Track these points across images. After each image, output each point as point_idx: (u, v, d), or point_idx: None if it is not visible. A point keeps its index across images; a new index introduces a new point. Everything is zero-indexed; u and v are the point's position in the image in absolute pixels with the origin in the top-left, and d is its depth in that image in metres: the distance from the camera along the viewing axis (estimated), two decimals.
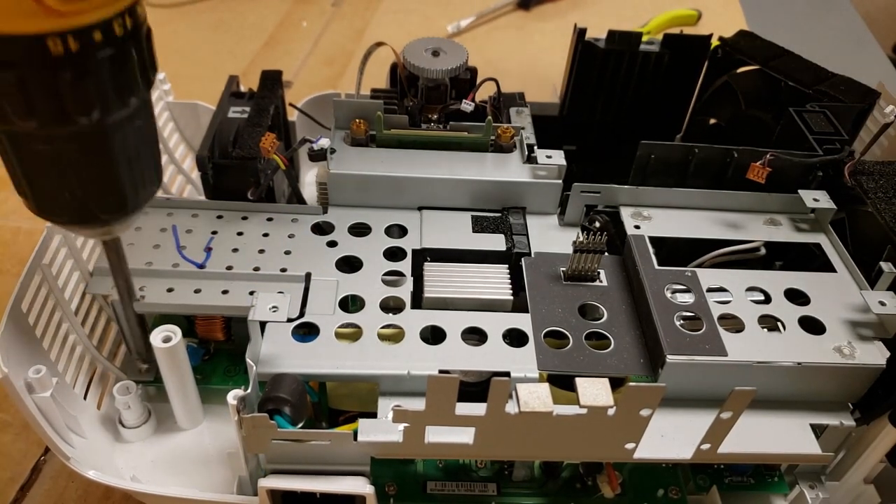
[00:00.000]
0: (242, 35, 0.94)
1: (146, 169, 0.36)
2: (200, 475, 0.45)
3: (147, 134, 0.35)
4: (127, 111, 0.33)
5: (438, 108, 0.54)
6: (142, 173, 0.36)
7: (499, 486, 0.44)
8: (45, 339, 0.42)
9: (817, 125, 0.50)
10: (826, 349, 0.40)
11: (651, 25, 0.94)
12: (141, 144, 0.35)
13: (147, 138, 0.35)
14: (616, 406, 0.34)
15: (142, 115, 0.34)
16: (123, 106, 0.32)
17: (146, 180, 0.36)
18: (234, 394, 0.35)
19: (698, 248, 0.48)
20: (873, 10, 1.40)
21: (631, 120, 0.63)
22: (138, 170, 0.35)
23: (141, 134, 0.34)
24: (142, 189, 0.36)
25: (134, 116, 0.33)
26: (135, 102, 0.33)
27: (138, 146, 0.35)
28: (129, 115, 0.33)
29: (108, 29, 0.29)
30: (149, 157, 0.36)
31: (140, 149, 0.35)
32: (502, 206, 0.51)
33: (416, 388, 0.39)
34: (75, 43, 0.29)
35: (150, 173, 0.37)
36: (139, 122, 0.34)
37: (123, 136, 0.33)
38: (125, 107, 0.32)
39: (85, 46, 0.29)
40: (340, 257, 0.47)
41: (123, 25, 0.30)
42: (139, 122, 0.34)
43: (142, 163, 0.35)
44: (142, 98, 0.33)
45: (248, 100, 0.55)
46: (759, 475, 0.46)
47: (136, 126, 0.34)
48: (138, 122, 0.34)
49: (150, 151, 0.36)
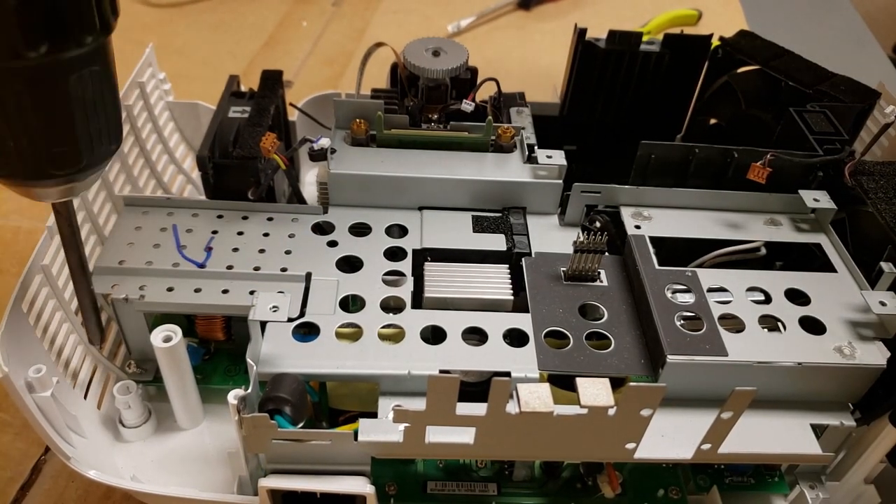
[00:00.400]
0: (242, 35, 0.94)
1: (104, 123, 0.33)
2: (200, 475, 0.45)
3: (106, 82, 0.33)
4: (82, 50, 0.30)
5: (439, 108, 0.54)
6: (98, 125, 0.33)
7: (499, 486, 0.44)
8: (45, 339, 0.42)
9: (817, 125, 0.50)
10: (826, 349, 0.40)
11: (651, 25, 0.94)
12: (97, 92, 0.32)
13: (106, 87, 0.33)
14: (616, 406, 0.34)
15: (99, 60, 0.31)
16: (78, 44, 0.30)
17: (103, 134, 0.34)
18: (234, 394, 0.35)
19: (698, 248, 0.48)
20: (873, 10, 1.40)
21: (631, 120, 0.63)
22: (95, 121, 0.33)
23: (99, 81, 0.32)
24: (98, 145, 0.33)
25: (90, 59, 0.31)
26: (91, 42, 0.30)
27: (95, 94, 0.32)
28: (84, 56, 0.30)
29: None
30: (107, 108, 0.33)
31: (97, 97, 0.32)
32: (503, 206, 0.51)
33: (417, 388, 0.39)
34: None
35: (109, 128, 0.34)
36: (96, 67, 0.31)
37: (78, 79, 0.31)
38: (80, 46, 0.30)
39: None
40: (341, 257, 0.47)
41: None
42: (96, 66, 0.31)
43: (98, 113, 0.33)
44: (98, 40, 0.31)
45: (249, 100, 0.55)
46: (760, 475, 0.46)
47: (93, 70, 0.31)
48: (95, 67, 0.31)
49: (110, 103, 0.33)
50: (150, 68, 0.59)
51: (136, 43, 0.62)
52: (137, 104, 0.57)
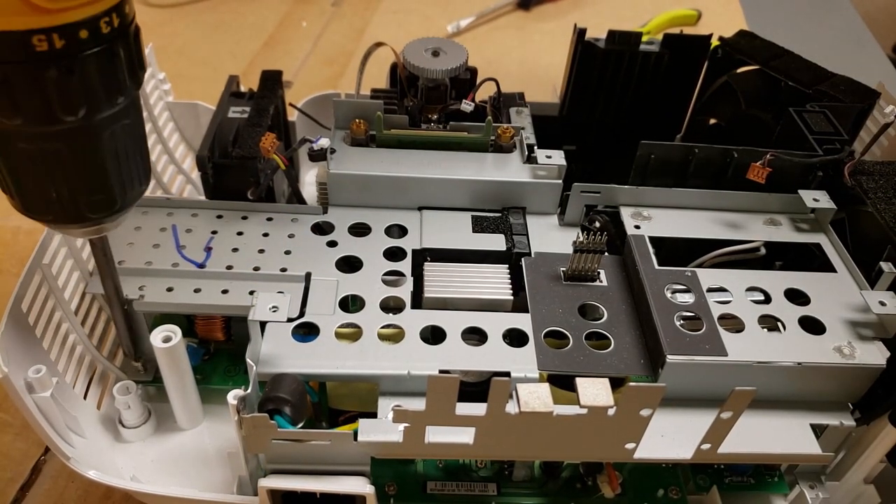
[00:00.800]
0: (242, 35, 0.94)
1: (135, 168, 0.36)
2: (200, 475, 0.45)
3: (135, 132, 0.35)
4: (114, 110, 0.32)
5: (438, 108, 0.54)
6: (130, 172, 0.35)
7: (499, 486, 0.44)
8: (45, 339, 0.42)
9: (817, 125, 0.50)
10: (826, 349, 0.40)
11: (651, 25, 0.94)
12: (129, 143, 0.34)
13: (135, 137, 0.35)
14: (616, 406, 0.34)
15: (130, 114, 0.34)
16: (111, 105, 0.32)
17: (135, 179, 0.36)
18: (234, 394, 0.35)
19: (698, 248, 0.48)
20: (873, 10, 1.40)
21: (631, 120, 0.63)
22: (127, 168, 0.35)
23: (129, 132, 0.34)
24: (130, 188, 0.36)
25: (122, 115, 0.33)
26: (122, 101, 0.32)
27: (126, 145, 0.34)
28: (117, 114, 0.33)
29: (94, 27, 0.29)
30: (137, 155, 0.36)
31: (128, 147, 0.34)
32: (502, 206, 0.51)
33: (416, 388, 0.39)
34: (61, 41, 0.28)
35: (139, 172, 0.36)
36: (127, 121, 0.34)
37: (111, 134, 0.33)
38: (113, 106, 0.32)
39: (71, 44, 0.29)
40: (340, 257, 0.47)
41: (110, 23, 0.30)
42: (127, 120, 0.34)
43: (130, 161, 0.35)
44: (129, 96, 0.33)
45: (248, 100, 0.55)
46: (759, 475, 0.46)
47: (124, 124, 0.34)
48: (126, 121, 0.34)
49: (139, 150, 0.36)
50: (149, 68, 0.59)
51: None
52: None
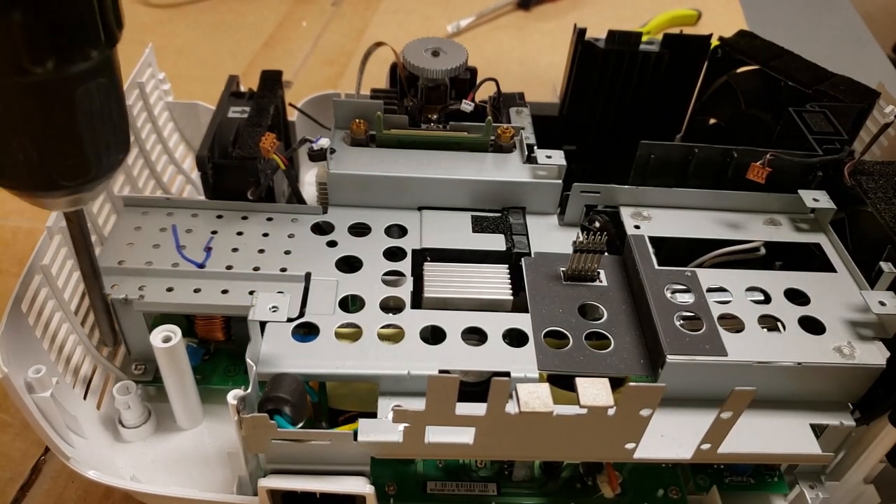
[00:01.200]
0: (242, 35, 0.94)
1: (111, 134, 0.34)
2: (200, 475, 0.45)
3: (112, 94, 0.33)
4: (87, 64, 0.30)
5: (438, 108, 0.54)
6: (106, 138, 0.33)
7: (499, 486, 0.44)
8: (45, 339, 0.42)
9: (817, 125, 0.50)
10: (826, 349, 0.40)
11: (651, 25, 0.94)
12: (105, 106, 0.32)
13: (112, 99, 0.33)
14: (616, 406, 0.34)
15: (105, 73, 0.32)
16: (83, 58, 0.30)
17: (111, 146, 0.34)
18: (234, 394, 0.35)
19: (698, 248, 0.48)
20: (873, 10, 1.40)
21: (631, 120, 0.63)
22: (102, 133, 0.33)
23: (105, 94, 0.32)
24: (106, 155, 0.34)
25: (96, 72, 0.31)
26: (96, 56, 0.30)
27: (102, 107, 0.32)
28: (91, 70, 0.31)
29: None
30: (114, 119, 0.34)
31: (104, 109, 0.32)
32: (502, 206, 0.51)
33: (416, 388, 0.39)
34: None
35: (117, 138, 0.34)
36: (103, 80, 0.32)
37: (85, 92, 0.31)
38: (85, 59, 0.30)
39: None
40: (340, 257, 0.47)
41: None
42: (102, 79, 0.32)
43: (106, 126, 0.33)
44: (104, 53, 0.31)
45: (248, 100, 0.55)
46: (759, 475, 0.46)
47: (100, 83, 0.32)
48: (101, 79, 0.32)
49: (117, 115, 0.34)
50: (149, 68, 0.59)
51: (135, 43, 0.62)
52: (137, 104, 0.57)
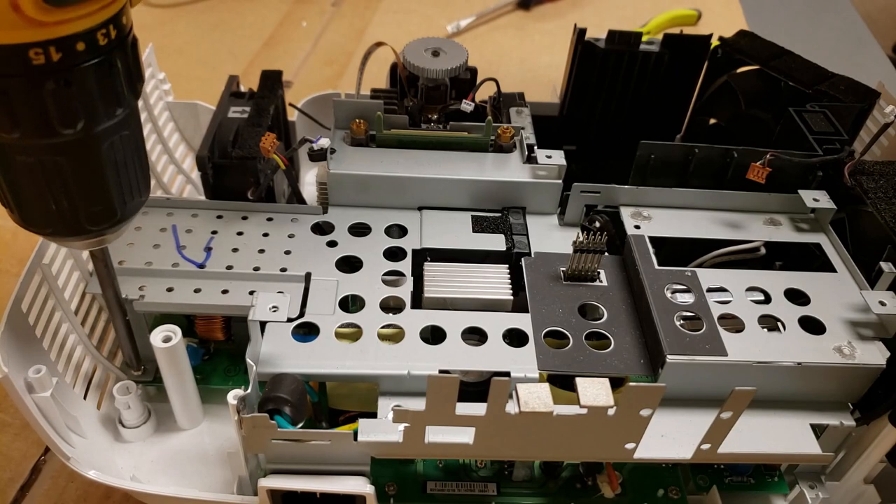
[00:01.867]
0: (242, 35, 0.94)
1: (134, 178, 0.35)
2: (200, 475, 0.45)
3: (135, 143, 0.35)
4: (113, 121, 0.32)
5: (438, 108, 0.54)
6: (130, 183, 0.35)
7: (499, 486, 0.44)
8: (45, 339, 0.42)
9: (817, 125, 0.50)
10: (826, 349, 0.40)
11: (651, 25, 0.94)
12: (129, 154, 0.34)
13: (135, 147, 0.35)
14: (616, 406, 0.34)
15: (129, 125, 0.34)
16: (110, 116, 0.32)
17: (134, 190, 0.36)
18: (234, 394, 0.35)
19: (698, 248, 0.48)
20: (873, 10, 1.40)
21: (631, 120, 0.63)
22: (126, 179, 0.35)
23: (129, 143, 0.34)
24: (130, 199, 0.36)
25: (121, 126, 0.33)
26: (121, 112, 0.32)
27: (126, 155, 0.34)
28: (116, 125, 0.33)
29: (91, 39, 0.29)
30: (137, 166, 0.36)
31: (128, 158, 0.34)
32: (502, 206, 0.51)
33: (416, 388, 0.39)
34: (58, 53, 0.28)
35: (139, 182, 0.36)
36: (126, 132, 0.34)
37: (111, 145, 0.33)
38: (112, 117, 0.32)
39: (68, 57, 0.29)
40: (340, 257, 0.47)
41: (107, 35, 0.30)
42: (126, 131, 0.34)
43: (130, 172, 0.35)
44: (128, 107, 0.33)
45: (248, 100, 0.55)
46: (759, 475, 0.46)
47: (124, 135, 0.33)
48: (125, 132, 0.34)
49: (139, 160, 0.36)
50: (149, 68, 0.59)
51: None
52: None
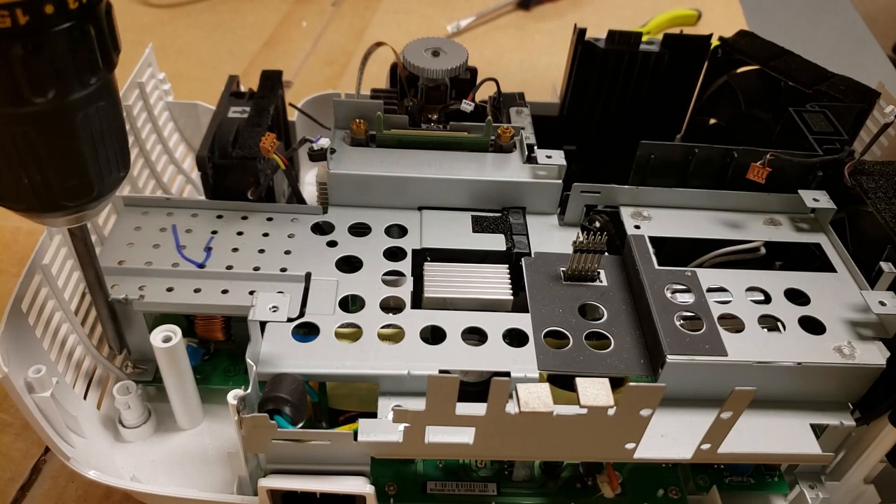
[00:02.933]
0: (242, 35, 0.94)
1: (112, 153, 0.34)
2: (200, 475, 0.45)
3: (112, 116, 0.34)
4: (87, 91, 0.31)
5: (438, 108, 0.54)
6: (107, 157, 0.34)
7: (499, 486, 0.44)
8: (45, 339, 0.42)
9: (817, 125, 0.50)
10: (826, 349, 0.40)
11: (651, 25, 0.94)
12: (105, 127, 0.33)
13: (112, 120, 0.34)
14: (616, 406, 0.34)
15: (104, 96, 0.32)
16: (83, 86, 0.31)
17: (112, 165, 0.35)
18: (234, 394, 0.35)
19: (698, 248, 0.48)
20: (873, 10, 1.40)
21: (631, 120, 0.63)
22: (104, 153, 0.34)
23: (105, 115, 0.33)
24: (108, 174, 0.34)
25: (95, 97, 0.32)
26: (95, 82, 0.31)
27: (102, 128, 0.33)
28: (90, 95, 0.31)
29: (60, 2, 0.28)
30: (114, 140, 0.34)
31: (104, 131, 0.33)
32: (502, 206, 0.51)
33: (416, 388, 0.39)
34: (24, 16, 0.27)
35: (117, 157, 0.35)
36: (102, 103, 0.32)
37: (85, 117, 0.32)
38: (85, 87, 0.31)
39: (36, 20, 0.27)
40: (340, 257, 0.47)
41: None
42: (102, 102, 0.32)
43: (107, 146, 0.34)
44: (103, 78, 0.32)
45: (248, 100, 0.55)
46: (759, 475, 0.46)
47: (99, 107, 0.32)
48: (101, 103, 0.32)
49: (116, 134, 0.34)
50: (149, 68, 0.59)
51: (135, 43, 0.62)
52: (137, 104, 0.57)
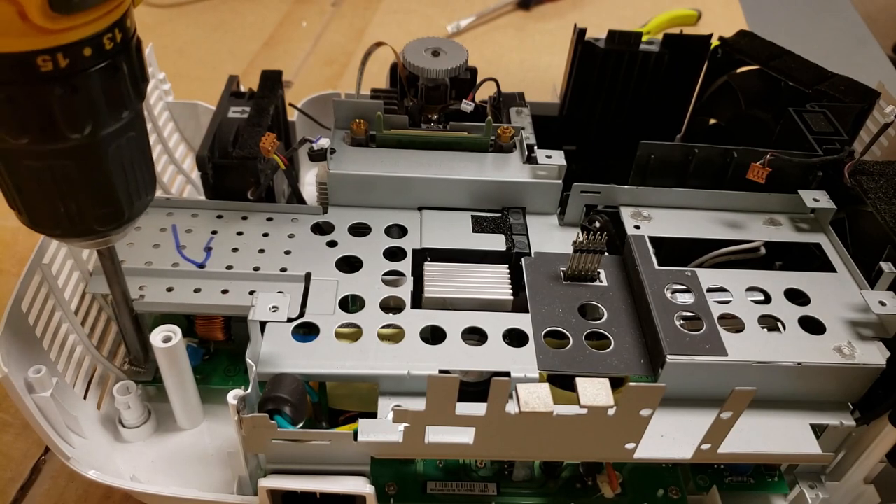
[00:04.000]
0: (242, 35, 0.94)
1: (141, 179, 0.36)
2: (200, 475, 0.45)
3: (141, 144, 0.35)
4: (120, 124, 0.33)
5: (438, 108, 0.54)
6: (137, 183, 0.36)
7: (499, 486, 0.44)
8: (45, 339, 0.42)
9: (817, 125, 0.50)
10: (826, 349, 0.40)
11: (651, 25, 0.94)
12: (135, 155, 0.35)
13: (141, 148, 0.35)
14: (616, 406, 0.34)
15: (134, 127, 0.34)
16: (116, 119, 0.32)
17: (141, 190, 0.36)
18: (234, 394, 0.35)
19: (698, 248, 0.48)
20: (873, 10, 1.40)
21: (631, 120, 0.63)
22: (133, 180, 0.35)
23: (135, 144, 0.34)
24: (137, 199, 0.36)
25: (127, 128, 0.33)
26: (127, 115, 0.33)
27: (133, 157, 0.35)
28: (122, 128, 0.33)
29: (97, 44, 0.29)
30: (143, 166, 0.36)
31: (134, 159, 0.35)
32: (502, 206, 0.51)
33: (416, 388, 0.39)
34: (65, 60, 0.29)
35: (145, 182, 0.36)
36: (132, 133, 0.34)
37: (117, 148, 0.33)
38: (118, 120, 0.32)
39: (74, 63, 0.29)
40: (340, 257, 0.47)
41: (113, 39, 0.30)
42: (132, 133, 0.34)
43: (136, 173, 0.35)
44: (134, 109, 0.33)
45: (248, 100, 0.55)
46: (759, 475, 0.46)
47: (130, 137, 0.34)
48: (131, 134, 0.34)
49: (144, 161, 0.36)
50: (149, 68, 0.59)
51: None
52: None
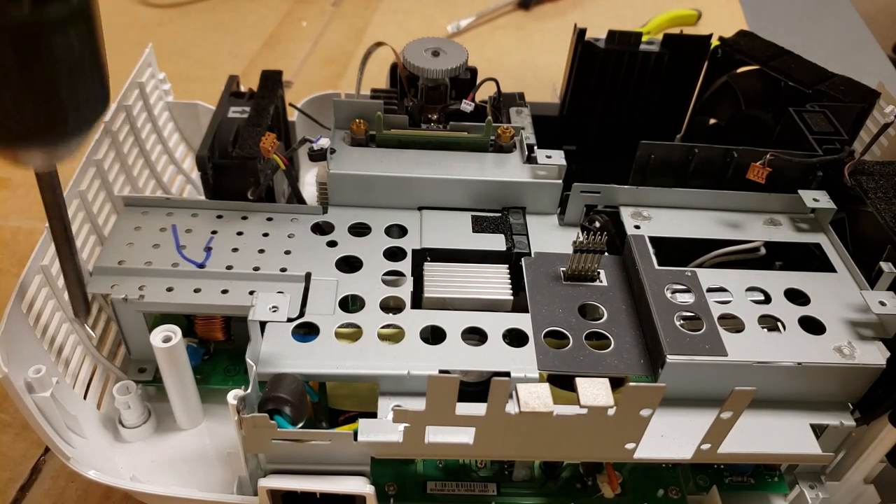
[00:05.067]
0: (242, 35, 0.94)
1: (91, 85, 0.32)
2: (200, 475, 0.45)
3: (92, 44, 0.32)
4: (66, 9, 0.29)
5: (438, 108, 0.54)
6: (85, 89, 0.32)
7: (499, 486, 0.44)
8: (45, 339, 0.42)
9: (817, 125, 0.50)
10: (826, 349, 0.40)
11: (651, 25, 0.94)
12: (84, 54, 0.31)
13: (92, 50, 0.32)
14: (616, 406, 0.34)
15: (84, 19, 0.31)
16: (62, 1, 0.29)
17: (90, 98, 0.33)
18: (234, 394, 0.35)
19: (698, 248, 0.48)
20: (873, 11, 1.40)
21: (631, 120, 0.63)
22: (81, 83, 0.32)
23: (84, 41, 0.31)
24: (84, 107, 0.33)
25: (75, 18, 0.30)
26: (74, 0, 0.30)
27: (81, 56, 0.31)
28: (69, 15, 0.30)
29: None
30: (93, 70, 0.32)
31: (83, 58, 0.31)
32: (502, 206, 0.51)
33: (416, 388, 0.39)
34: None
35: (96, 92, 0.33)
36: (81, 27, 0.31)
37: (63, 39, 0.30)
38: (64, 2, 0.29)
39: None
40: (340, 257, 0.47)
41: None
42: (81, 26, 0.31)
43: (85, 76, 0.32)
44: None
45: (248, 100, 0.55)
46: (759, 475, 0.46)
47: (78, 30, 0.31)
48: (80, 27, 0.31)
49: (96, 64, 0.32)
50: (149, 68, 0.59)
51: (135, 43, 0.62)
52: (137, 104, 0.57)
